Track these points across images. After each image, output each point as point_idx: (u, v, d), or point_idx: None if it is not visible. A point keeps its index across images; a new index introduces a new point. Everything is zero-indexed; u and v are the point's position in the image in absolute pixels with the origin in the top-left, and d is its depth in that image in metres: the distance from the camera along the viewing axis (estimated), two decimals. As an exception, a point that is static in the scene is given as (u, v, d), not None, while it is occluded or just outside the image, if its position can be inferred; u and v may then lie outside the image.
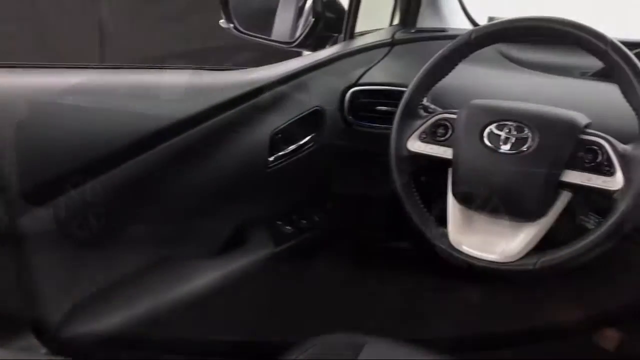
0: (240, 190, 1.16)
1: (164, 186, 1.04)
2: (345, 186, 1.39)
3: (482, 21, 1.70)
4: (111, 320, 0.96)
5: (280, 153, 1.18)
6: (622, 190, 0.84)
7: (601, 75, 1.17)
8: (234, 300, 1.20)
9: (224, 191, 1.13)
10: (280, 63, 1.29)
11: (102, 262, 1.01)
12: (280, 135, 1.17)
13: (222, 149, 1.10)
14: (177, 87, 1.10)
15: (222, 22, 1.54)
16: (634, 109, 0.86)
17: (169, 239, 1.08)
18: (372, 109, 1.27)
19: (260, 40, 1.54)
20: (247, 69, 1.24)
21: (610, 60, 0.88)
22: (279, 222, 1.25)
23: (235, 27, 1.53)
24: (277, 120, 1.17)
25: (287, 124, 1.18)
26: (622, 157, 0.85)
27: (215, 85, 1.12)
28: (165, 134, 1.01)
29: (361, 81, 1.30)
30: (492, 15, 1.77)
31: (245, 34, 1.53)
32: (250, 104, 1.13)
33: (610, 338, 1.57)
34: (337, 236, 1.40)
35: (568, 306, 1.64)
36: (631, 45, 1.19)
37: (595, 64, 0.91)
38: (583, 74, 1.28)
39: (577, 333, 1.62)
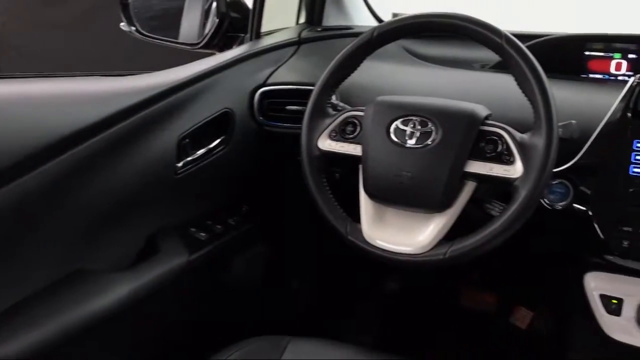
0: (149, 198, 1.12)
1: (69, 197, 0.98)
2: (260, 188, 1.38)
3: (387, 17, 1.74)
4: (13, 345, 0.90)
5: (189, 158, 1.15)
6: (522, 178, 0.87)
7: (500, 67, 1.22)
8: (151, 312, 1.16)
9: (133, 200, 1.09)
10: (186, 65, 1.25)
11: (2, 279, 0.95)
12: (188, 140, 1.14)
13: (129, 156, 1.06)
14: (79, 94, 1.05)
15: (124, 25, 1.49)
16: (529, 99, 0.90)
17: (76, 252, 1.03)
18: (282, 108, 1.26)
19: (165, 42, 1.50)
20: (152, 73, 1.20)
21: (506, 53, 0.91)
22: (193, 229, 1.21)
23: (137, 30, 1.48)
24: (184, 124, 1.13)
25: (194, 127, 1.15)
26: (520, 145, 0.89)
27: (119, 91, 1.08)
28: (68, 143, 0.96)
29: (269, 81, 1.29)
30: (396, 11, 1.82)
31: (148, 37, 1.49)
32: (155, 108, 1.09)
33: (523, 317, 1.65)
34: (254, 238, 1.39)
35: (485, 290, 1.71)
36: (525, 37, 1.25)
37: (494, 56, 0.94)
38: (483, 66, 1.33)
39: (495, 314, 1.69)
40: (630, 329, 1.00)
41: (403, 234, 0.94)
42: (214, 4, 1.48)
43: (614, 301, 1.02)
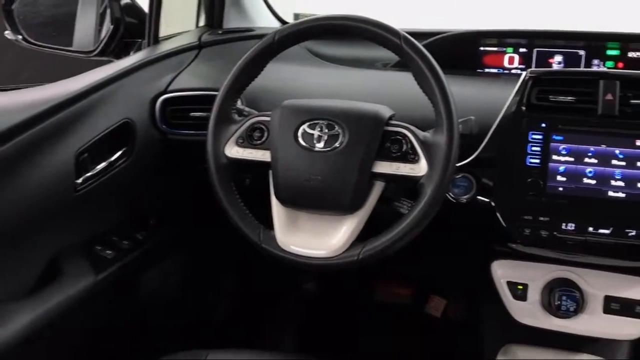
0: (49, 217, 1.05)
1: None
2: (168, 199, 1.33)
3: (289, 17, 1.74)
4: None
5: (90, 174, 1.09)
6: (427, 175, 0.89)
7: (401, 66, 1.24)
8: (58, 340, 1.09)
9: (31, 222, 1.02)
10: (81, 75, 1.19)
11: None
12: (87, 155, 1.08)
13: (23, 177, 0.99)
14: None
15: (8, 34, 1.39)
16: (429, 98, 0.92)
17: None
18: (185, 115, 1.23)
19: (57, 51, 1.42)
20: (44, 86, 1.13)
21: (405, 53, 0.93)
22: (98, 247, 1.16)
23: (24, 39, 1.39)
24: (82, 139, 1.07)
25: (93, 141, 1.09)
26: (423, 144, 0.91)
27: (6, 108, 1.01)
28: None
29: (171, 88, 1.25)
30: (297, 11, 1.82)
31: (37, 45, 1.40)
32: (49, 123, 1.02)
33: (437, 306, 1.71)
34: (166, 252, 1.34)
35: (399, 283, 1.75)
36: (423, 35, 1.28)
37: (395, 55, 0.96)
38: (385, 65, 1.36)
39: (410, 306, 1.73)
40: (535, 313, 1.06)
41: (316, 238, 0.94)
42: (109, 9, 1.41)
43: (520, 287, 1.07)
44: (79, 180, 1.07)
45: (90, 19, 1.45)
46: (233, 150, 1.00)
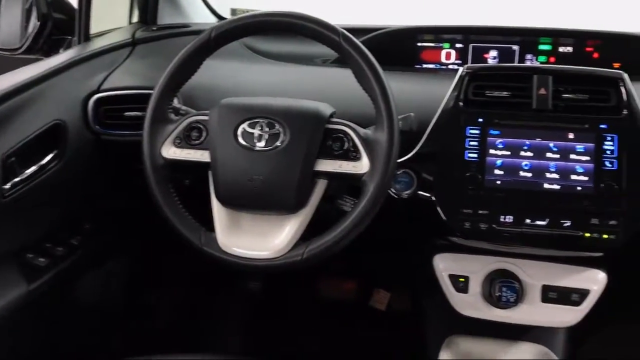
0: None
1: None
2: (104, 202, 1.28)
3: (226, 12, 1.70)
4: None
5: (18, 178, 1.03)
6: (369, 173, 0.89)
7: (341, 62, 1.24)
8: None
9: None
10: (6, 74, 1.13)
11: None
12: (14, 158, 1.02)
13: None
14: None
15: None
16: (369, 95, 0.92)
17: None
18: (120, 115, 1.19)
19: (-22, 48, 1.35)
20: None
21: (344, 50, 0.92)
22: (30, 255, 1.10)
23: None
24: (9, 141, 1.02)
25: (22, 144, 1.04)
26: (365, 141, 0.91)
27: None
28: None
29: (104, 86, 1.21)
30: (235, 6, 1.78)
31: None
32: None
33: (381, 299, 1.72)
34: (104, 256, 1.30)
35: (344, 278, 1.76)
36: (361, 31, 1.28)
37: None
38: (325, 61, 1.35)
39: (354, 300, 1.74)
40: (477, 304, 1.08)
41: (259, 239, 0.93)
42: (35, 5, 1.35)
43: (461, 279, 1.09)
44: (7, 186, 1.01)
45: (15, 14, 1.38)
46: (170, 151, 0.97)
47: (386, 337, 1.63)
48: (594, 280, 1.05)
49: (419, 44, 1.36)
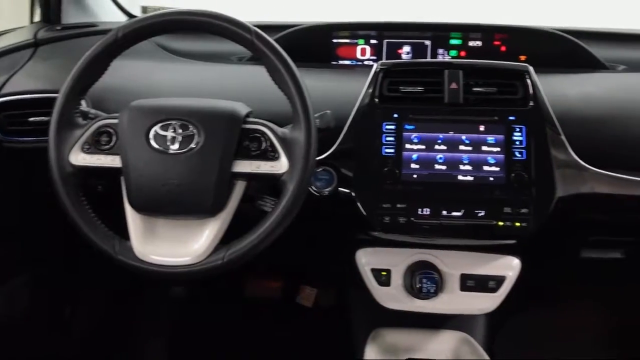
0: None
1: None
2: (9, 211, 1.21)
3: (136, 10, 1.64)
4: None
5: None
6: (288, 172, 0.89)
7: (257, 60, 1.22)
8: None
9: None
10: None
11: None
12: None
13: None
14: None
15: None
16: (285, 94, 0.91)
17: None
18: (23, 121, 1.12)
19: None
20: None
21: (257, 49, 0.91)
22: None
23: None
24: None
25: None
26: (282, 140, 0.90)
27: None
28: None
29: (4, 91, 1.14)
30: (145, 4, 1.72)
31: None
32: None
33: (308, 296, 1.72)
34: (13, 269, 1.22)
35: (269, 276, 1.74)
36: (276, 28, 1.27)
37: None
38: (240, 59, 1.33)
39: (281, 298, 1.73)
40: (399, 297, 1.09)
41: (178, 245, 0.90)
42: None
43: (384, 273, 1.10)
44: None
45: None
46: (79, 157, 0.92)
47: (314, 334, 1.63)
48: (509, 267, 1.09)
49: (335, 41, 1.36)
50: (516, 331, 1.48)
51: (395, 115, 1.04)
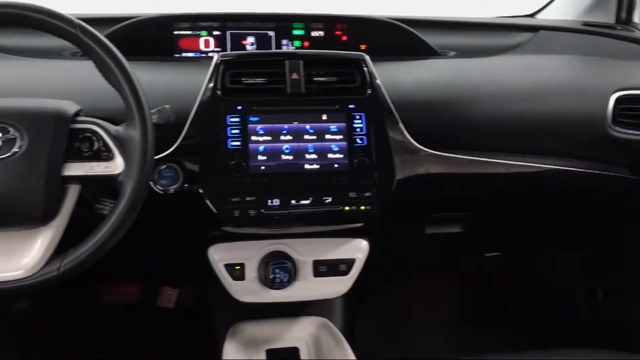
0: None
1: None
2: None
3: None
4: None
5: None
6: (125, 172, 0.85)
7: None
8: None
9: None
10: None
11: None
12: None
13: None
14: None
15: None
16: (116, 90, 0.86)
17: None
18: None
19: None
20: None
21: (83, 44, 0.86)
22: None
23: None
24: None
25: None
26: (116, 139, 0.86)
27: None
28: None
29: None
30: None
31: None
32: None
33: (168, 297, 1.67)
34: None
35: (126, 281, 1.67)
36: (112, 21, 1.21)
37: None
38: (74, 54, 1.24)
39: (140, 302, 1.67)
40: (255, 289, 1.09)
41: (6, 259, 0.83)
42: None
43: (237, 267, 1.09)
44: None
45: None
46: None
47: (176, 335, 1.59)
48: (358, 249, 1.13)
49: (176, 33, 1.32)
50: (374, 310, 1.54)
51: (239, 108, 1.03)
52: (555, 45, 1.37)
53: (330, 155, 1.04)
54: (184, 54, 1.33)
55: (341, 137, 1.04)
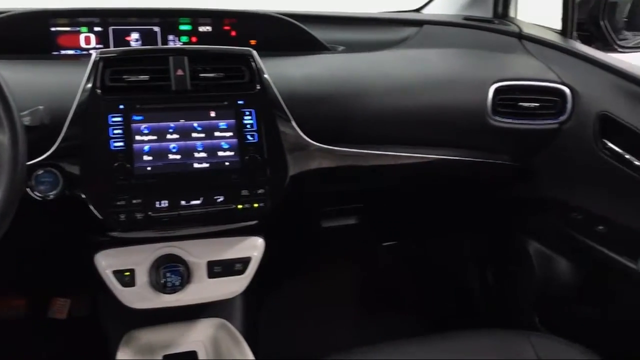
0: None
1: None
2: None
3: None
4: None
5: None
6: None
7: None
8: None
9: None
10: None
11: None
12: None
13: None
14: None
15: None
16: None
17: None
18: None
19: None
20: None
21: None
22: None
23: None
24: None
25: None
26: None
27: None
28: None
29: None
30: None
31: None
32: None
33: (60, 307, 1.59)
34: None
35: (12, 294, 1.57)
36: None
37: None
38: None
39: (30, 315, 1.57)
40: (146, 295, 1.05)
41: None
42: None
43: (127, 273, 1.04)
44: None
45: None
46: None
47: (70, 346, 1.51)
48: (254, 247, 1.11)
49: (53, 29, 1.24)
50: (276, 309, 1.54)
51: (122, 107, 0.99)
52: (438, 39, 1.42)
53: (220, 153, 1.02)
54: (62, 52, 1.26)
55: (231, 134, 1.03)
